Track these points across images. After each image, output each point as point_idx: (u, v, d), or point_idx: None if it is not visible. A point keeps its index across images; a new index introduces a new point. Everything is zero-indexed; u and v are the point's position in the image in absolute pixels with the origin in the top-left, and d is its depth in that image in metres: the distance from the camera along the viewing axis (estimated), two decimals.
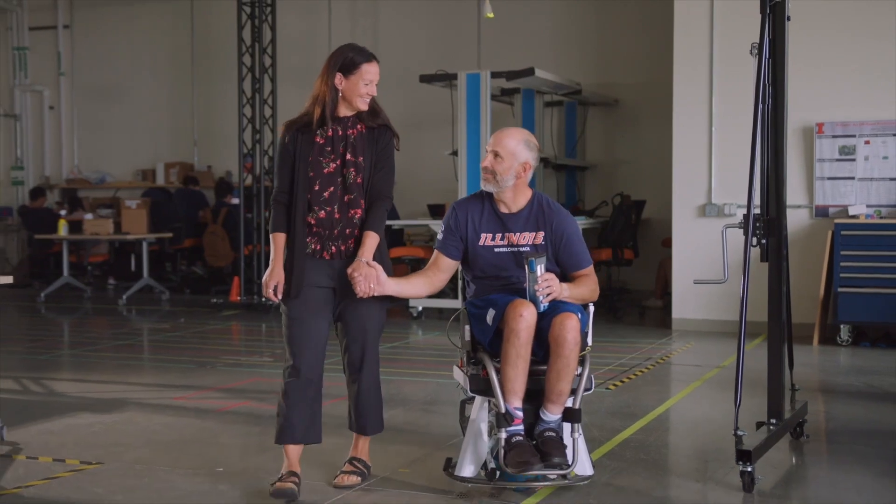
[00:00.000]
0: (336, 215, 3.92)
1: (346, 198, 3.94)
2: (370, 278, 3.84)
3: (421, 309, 9.69)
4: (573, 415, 3.87)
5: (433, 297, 9.76)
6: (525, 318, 3.80)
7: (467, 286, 4.24)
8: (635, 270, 11.10)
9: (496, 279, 4.11)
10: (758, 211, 4.42)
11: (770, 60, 4.35)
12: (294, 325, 3.92)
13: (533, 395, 3.90)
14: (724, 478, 4.18)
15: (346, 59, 3.93)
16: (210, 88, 13.95)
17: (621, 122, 11.87)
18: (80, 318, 10.72)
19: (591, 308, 4.11)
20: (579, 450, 3.88)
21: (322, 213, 3.92)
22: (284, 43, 11.65)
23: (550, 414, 3.88)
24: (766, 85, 4.35)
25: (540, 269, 3.88)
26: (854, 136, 8.27)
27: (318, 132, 3.96)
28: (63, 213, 12.75)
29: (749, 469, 3.94)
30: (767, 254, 4.44)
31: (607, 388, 6.14)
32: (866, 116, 8.23)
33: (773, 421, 4.40)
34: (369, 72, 3.93)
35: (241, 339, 9.00)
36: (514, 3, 11.72)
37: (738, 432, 3.99)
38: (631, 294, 11.01)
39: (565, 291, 3.96)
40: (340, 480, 4.06)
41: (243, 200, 11.08)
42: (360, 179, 3.95)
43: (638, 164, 11.62)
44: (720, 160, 8.68)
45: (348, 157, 3.94)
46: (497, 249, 4.10)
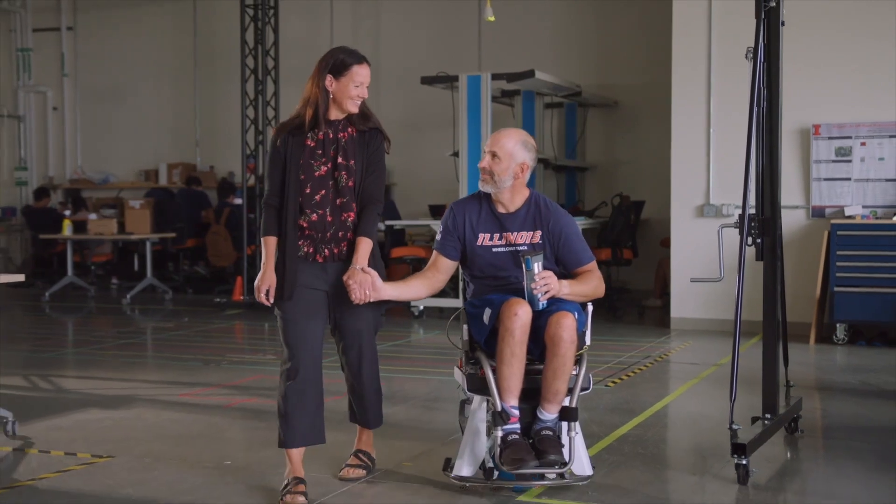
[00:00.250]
0: (328, 218, 3.91)
1: (338, 201, 3.92)
2: (365, 285, 3.83)
3: (422, 308, 9.77)
4: (570, 413, 3.88)
5: (434, 296, 9.85)
6: (519, 316, 3.80)
7: (467, 286, 4.24)
8: (634, 270, 11.16)
9: (494, 279, 4.10)
10: (753, 211, 4.53)
11: (765, 64, 4.45)
12: (289, 327, 3.90)
13: (530, 393, 3.91)
14: (719, 471, 4.27)
15: (337, 60, 3.91)
16: (212, 90, 14.02)
17: (621, 123, 11.94)
18: (85, 317, 10.81)
19: (591, 307, 4.10)
20: (577, 449, 3.90)
21: (314, 217, 3.90)
22: (287, 45, 11.73)
23: (547, 413, 3.89)
24: (761, 88, 4.44)
25: (537, 267, 3.87)
26: (850, 137, 8.35)
27: (310, 135, 3.94)
28: (67, 213, 12.82)
29: (744, 462, 4.03)
30: (762, 253, 4.54)
31: (606, 386, 6.23)
32: (862, 118, 8.31)
33: (768, 416, 4.50)
34: (360, 74, 3.90)
35: (244, 338, 9.09)
36: (514, 6, 11.80)
37: (733, 426, 4.06)
38: (630, 294, 11.07)
39: (565, 289, 3.95)
40: (346, 473, 4.16)
41: (246, 201, 11.20)
42: (351, 183, 3.93)
43: (637, 165, 11.69)
44: (718, 161, 8.74)
45: (339, 160, 3.92)
46: (495, 249, 4.09)
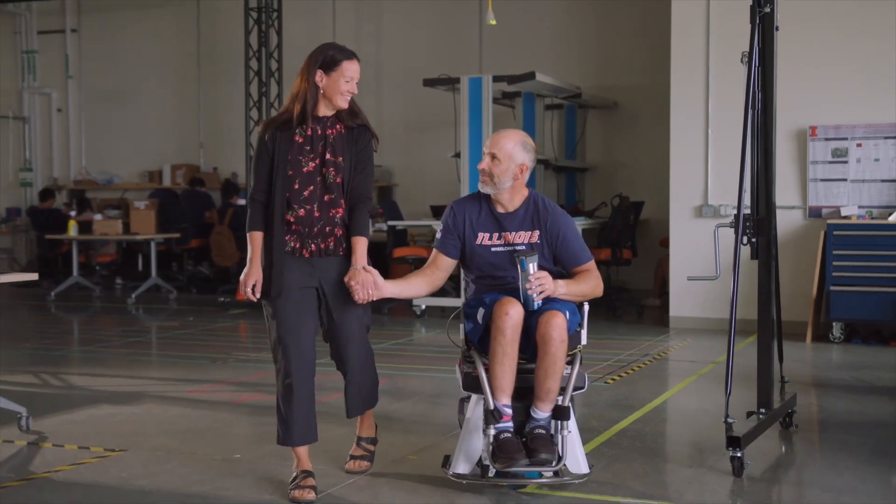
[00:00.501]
0: (316, 213, 3.92)
1: (326, 197, 3.93)
2: (367, 284, 3.86)
3: (424, 307, 9.89)
4: (562, 412, 3.89)
5: (435, 295, 9.98)
6: (511, 316, 3.83)
7: (468, 286, 4.27)
8: (634, 270, 11.25)
9: (492, 278, 4.13)
10: (748, 211, 4.65)
11: (760, 68, 4.57)
12: (281, 327, 3.93)
13: (523, 392, 3.94)
14: (715, 464, 4.39)
15: (327, 56, 3.92)
16: (215, 91, 14.13)
17: (620, 124, 12.04)
18: (91, 316, 10.93)
19: (587, 307, 4.13)
20: (573, 447, 3.94)
21: (301, 212, 3.91)
22: (289, 47, 11.82)
23: (540, 411, 3.91)
24: (756, 91, 4.57)
25: (532, 267, 3.89)
26: (846, 138, 8.46)
27: (298, 131, 3.94)
28: (73, 213, 12.93)
29: (739, 455, 4.15)
30: (757, 252, 4.66)
31: (606, 383, 6.35)
32: (858, 120, 8.42)
33: (763, 410, 4.62)
34: (350, 69, 3.92)
35: (249, 337, 9.20)
36: (515, 9, 11.91)
37: (728, 420, 4.19)
38: (630, 293, 11.16)
39: (561, 288, 3.97)
40: (351, 466, 4.25)
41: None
42: (339, 179, 3.94)
43: (636, 166, 11.80)
44: (716, 162, 8.84)
45: (328, 156, 3.94)
46: (494, 249, 4.11)
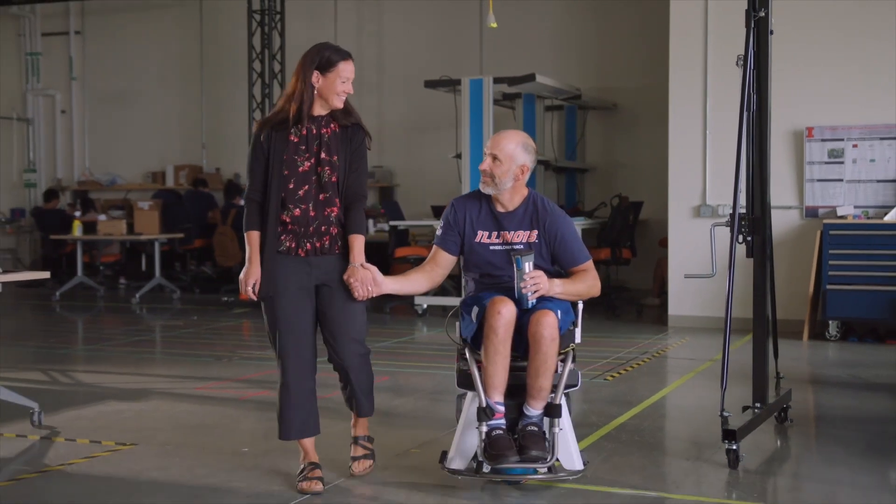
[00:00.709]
0: (311, 213, 3.94)
1: (321, 196, 3.95)
2: (366, 281, 3.90)
3: (425, 306, 9.99)
4: (554, 410, 3.94)
5: (437, 294, 10.13)
6: (503, 315, 3.86)
7: (467, 284, 4.30)
8: (633, 270, 11.36)
9: (490, 277, 4.16)
10: (743, 210, 4.76)
11: (755, 71, 4.68)
12: (280, 325, 3.95)
13: (516, 390, 3.98)
14: (711, 457, 4.50)
15: (324, 57, 3.93)
16: (218, 92, 14.23)
17: (619, 125, 12.15)
18: (96, 315, 11.04)
19: (581, 306, 4.15)
20: (566, 444, 3.98)
21: (297, 211, 3.92)
22: (292, 48, 11.95)
23: (532, 409, 3.96)
24: (751, 94, 4.68)
25: (527, 266, 3.93)
26: (842, 139, 8.57)
27: (293, 130, 3.95)
28: (77, 214, 13.03)
29: (734, 447, 4.26)
30: (752, 250, 4.77)
31: (605, 379, 6.46)
32: (854, 121, 8.52)
33: (758, 405, 4.73)
34: (346, 70, 3.93)
35: (252, 335, 9.29)
36: (515, 11, 12.02)
37: (724, 413, 4.29)
38: (629, 292, 11.27)
39: (556, 287, 4.00)
40: (356, 468, 4.17)
41: None
42: (334, 178, 3.96)
43: (636, 167, 11.90)
44: (714, 162, 8.94)
45: (323, 155, 3.95)
46: (492, 247, 4.15)
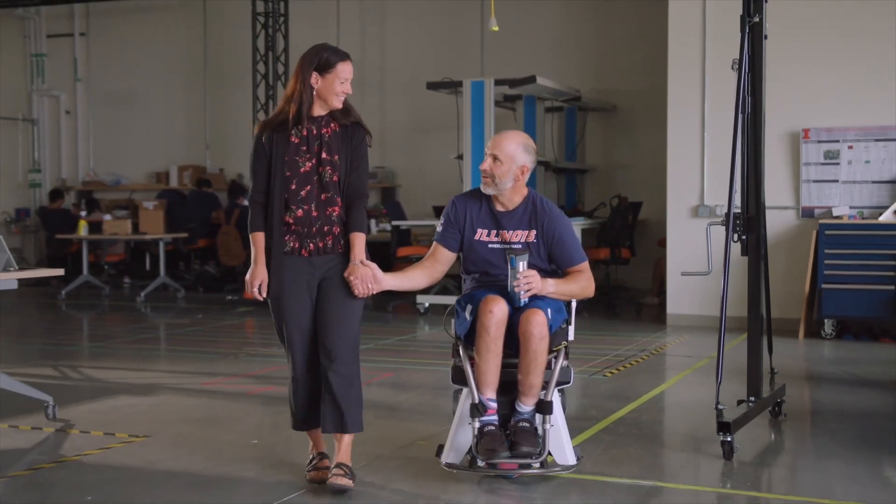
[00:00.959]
0: (313, 213, 3.96)
1: (322, 196, 3.97)
2: (367, 278, 3.93)
3: (427, 305, 10.12)
4: (545, 407, 4.01)
5: (439, 293, 10.27)
6: (494, 314, 3.92)
7: (463, 282, 4.36)
8: (632, 269, 11.48)
9: (486, 275, 4.22)
10: (738, 210, 4.90)
11: (749, 75, 4.83)
12: (287, 324, 4.03)
13: (508, 387, 4.05)
14: (707, 449, 4.64)
15: (322, 58, 3.95)
16: (221, 93, 14.34)
17: (619, 127, 12.27)
18: (102, 313, 11.17)
19: (574, 304, 4.21)
20: (559, 439, 4.05)
21: (300, 212, 3.95)
22: (295, 50, 12.07)
23: (524, 405, 4.03)
24: (746, 97, 4.82)
25: (522, 265, 3.98)
26: (838, 141, 8.71)
27: (293, 131, 3.98)
28: (83, 213, 13.16)
29: (729, 439, 4.40)
30: (747, 248, 4.92)
31: (604, 376, 6.60)
32: (850, 123, 8.67)
33: (752, 399, 4.88)
34: (344, 70, 3.96)
35: (257, 333, 9.41)
36: (516, 14, 12.13)
37: (719, 406, 4.44)
38: (628, 292, 11.41)
39: (550, 287, 4.06)
40: (333, 480, 3.95)
41: None
42: (336, 178, 3.98)
43: (635, 168, 12.01)
44: (712, 163, 9.07)
45: (324, 155, 3.98)
46: (490, 245, 4.21)
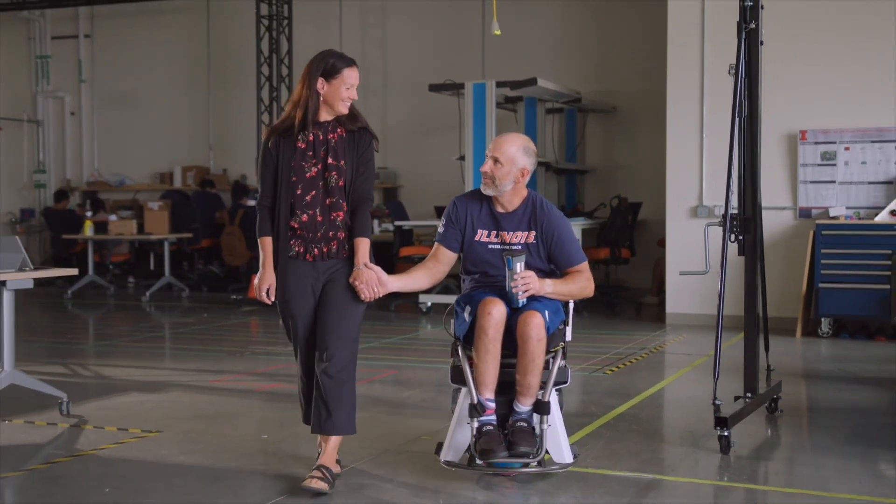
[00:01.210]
0: (319, 218, 3.98)
1: (327, 201, 3.99)
2: (372, 282, 3.95)
3: (430, 304, 10.25)
4: (542, 407, 4.03)
5: (441, 293, 10.39)
6: (493, 315, 3.95)
7: (462, 282, 4.38)
8: (632, 269, 11.60)
9: (486, 276, 4.24)
10: (735, 211, 5.03)
11: (746, 79, 4.95)
12: (296, 327, 4.06)
13: (506, 387, 4.08)
14: (705, 443, 4.77)
15: (328, 64, 3.98)
16: (225, 94, 14.45)
17: (619, 128, 12.38)
18: (107, 313, 11.29)
19: (571, 305, 4.26)
20: (556, 438, 4.08)
21: (305, 217, 3.97)
22: (298, 52, 12.19)
23: (522, 405, 4.05)
24: (743, 100, 4.94)
25: (519, 266, 4.01)
26: (835, 142, 8.83)
27: (300, 137, 4.01)
28: (89, 214, 13.28)
29: (726, 434, 4.52)
30: (744, 248, 5.04)
31: (605, 373, 6.72)
32: (846, 124, 8.80)
33: (749, 395, 5.00)
34: (351, 76, 3.99)
35: (262, 332, 9.54)
36: (517, 17, 12.26)
37: (716, 402, 4.56)
38: (628, 291, 11.53)
39: (548, 287, 4.08)
40: (309, 482, 3.94)
41: None
42: (342, 183, 4.00)
43: (635, 168, 12.11)
44: (711, 164, 9.19)
45: (330, 160, 4.00)
46: (490, 246, 4.23)
